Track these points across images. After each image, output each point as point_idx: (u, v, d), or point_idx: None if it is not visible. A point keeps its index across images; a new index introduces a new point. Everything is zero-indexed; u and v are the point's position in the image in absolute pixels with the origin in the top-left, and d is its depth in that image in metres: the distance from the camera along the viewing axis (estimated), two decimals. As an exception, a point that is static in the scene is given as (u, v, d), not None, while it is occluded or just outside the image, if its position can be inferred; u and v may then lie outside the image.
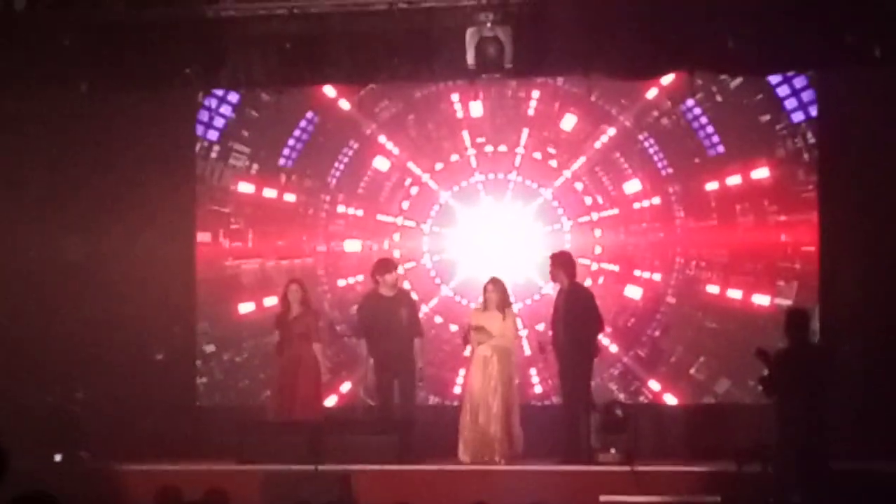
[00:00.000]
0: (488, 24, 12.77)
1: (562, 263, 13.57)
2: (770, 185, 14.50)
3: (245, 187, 15.42)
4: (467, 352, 13.83)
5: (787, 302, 14.06)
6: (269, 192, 15.39)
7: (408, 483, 12.30)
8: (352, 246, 15.25)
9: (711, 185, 14.67)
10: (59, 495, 10.86)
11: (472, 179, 15.10)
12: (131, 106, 14.76)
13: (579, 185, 14.90)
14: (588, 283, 14.24)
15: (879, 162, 13.90)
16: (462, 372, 14.11)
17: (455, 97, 15.11)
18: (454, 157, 15.11)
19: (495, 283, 13.70)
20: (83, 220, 15.31)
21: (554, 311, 13.56)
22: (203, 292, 15.39)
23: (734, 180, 14.60)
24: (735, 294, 14.55)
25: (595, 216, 14.90)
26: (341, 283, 15.28)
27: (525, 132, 15.02)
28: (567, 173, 14.91)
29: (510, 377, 13.55)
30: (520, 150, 15.00)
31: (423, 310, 14.62)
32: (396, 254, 14.85)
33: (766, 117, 14.53)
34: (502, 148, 15.05)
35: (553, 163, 14.95)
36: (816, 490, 11.09)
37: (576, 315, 13.33)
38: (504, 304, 13.62)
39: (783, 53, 12.90)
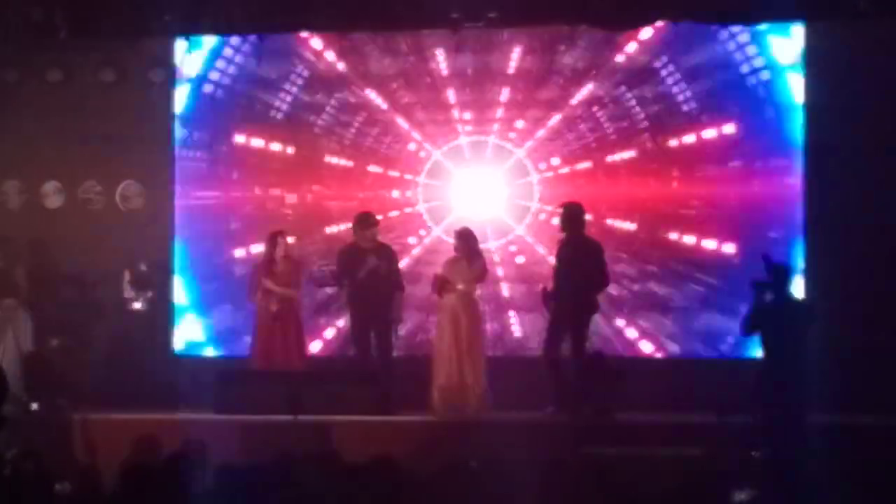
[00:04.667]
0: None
1: (573, 215, 13.28)
2: (750, 139, 14.46)
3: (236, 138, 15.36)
4: None
5: (770, 255, 14.01)
6: (257, 142, 15.28)
7: (388, 434, 12.26)
8: (338, 196, 15.20)
9: (688, 139, 14.62)
10: (37, 443, 10.83)
11: (457, 141, 15.03)
12: (112, 52, 14.70)
13: (554, 137, 14.83)
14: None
15: (865, 114, 13.84)
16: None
17: (440, 55, 14.98)
18: (443, 124, 15.09)
19: (459, 232, 13.68)
20: (62, 167, 15.25)
21: (558, 263, 13.36)
22: (183, 241, 15.30)
23: (710, 133, 14.55)
24: (715, 246, 14.52)
25: (570, 168, 14.85)
26: (328, 231, 15.24)
27: (506, 91, 14.95)
28: (543, 130, 14.84)
29: (477, 327, 13.56)
30: (499, 110, 14.95)
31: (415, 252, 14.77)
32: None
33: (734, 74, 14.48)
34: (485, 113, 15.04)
35: (529, 118, 14.90)
36: (797, 443, 11.09)
37: (584, 268, 13.09)
38: (470, 252, 13.56)
39: (770, 4, 12.85)
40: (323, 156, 15.23)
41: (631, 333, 14.69)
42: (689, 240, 14.62)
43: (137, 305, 15.09)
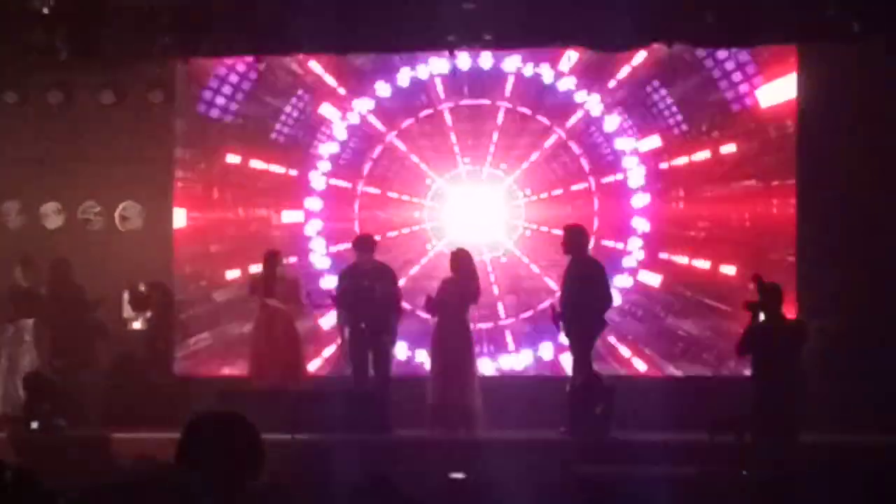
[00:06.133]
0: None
1: (574, 235, 13.38)
2: (745, 160, 14.54)
3: (232, 158, 15.39)
4: None
5: (762, 276, 14.08)
6: (257, 164, 15.37)
7: (384, 453, 12.32)
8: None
9: (681, 161, 14.71)
10: (36, 463, 10.86)
11: (457, 170, 15.13)
12: (112, 74, 14.81)
13: (547, 162, 14.94)
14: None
15: (857, 136, 13.92)
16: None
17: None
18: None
19: (454, 253, 13.80)
20: (62, 187, 15.34)
21: (563, 284, 13.43)
22: (182, 261, 15.38)
23: (703, 155, 14.63)
24: (706, 266, 14.61)
25: (562, 191, 14.96)
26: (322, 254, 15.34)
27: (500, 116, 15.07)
28: (536, 154, 14.94)
29: (468, 347, 13.63)
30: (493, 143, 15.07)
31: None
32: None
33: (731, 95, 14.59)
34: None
35: (521, 145, 15.02)
36: (789, 462, 11.16)
37: (585, 288, 13.14)
38: (462, 272, 13.65)
39: (763, 27, 12.93)
40: (323, 177, 15.33)
41: (624, 352, 14.76)
42: (683, 260, 14.71)
43: (137, 325, 15.18)
